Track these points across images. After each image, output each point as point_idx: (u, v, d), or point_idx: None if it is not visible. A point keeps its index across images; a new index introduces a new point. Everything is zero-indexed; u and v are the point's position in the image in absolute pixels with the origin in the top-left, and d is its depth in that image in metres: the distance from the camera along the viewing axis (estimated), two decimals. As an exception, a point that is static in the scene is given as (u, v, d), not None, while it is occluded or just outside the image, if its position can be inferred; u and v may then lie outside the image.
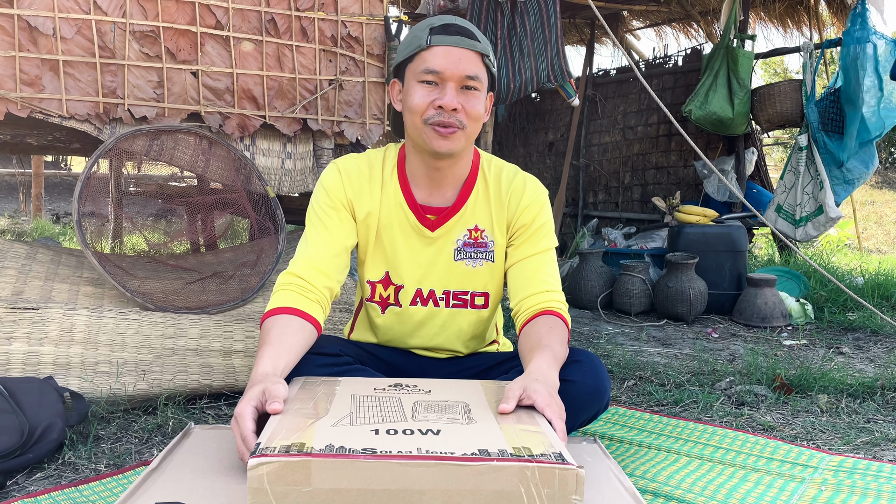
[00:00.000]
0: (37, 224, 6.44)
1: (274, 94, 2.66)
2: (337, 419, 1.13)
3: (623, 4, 5.11)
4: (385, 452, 0.98)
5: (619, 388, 2.42)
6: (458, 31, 1.45)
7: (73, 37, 2.34)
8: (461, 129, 1.46)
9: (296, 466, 0.95)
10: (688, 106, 4.45)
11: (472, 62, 1.45)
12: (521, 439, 1.07)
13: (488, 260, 1.61)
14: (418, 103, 1.45)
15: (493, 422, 1.15)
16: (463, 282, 1.61)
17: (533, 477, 0.97)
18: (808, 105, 4.20)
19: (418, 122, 1.46)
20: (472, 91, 1.46)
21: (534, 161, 6.44)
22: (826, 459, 1.75)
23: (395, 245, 1.59)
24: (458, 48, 1.44)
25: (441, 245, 1.59)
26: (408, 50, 1.48)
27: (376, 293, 1.63)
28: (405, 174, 1.59)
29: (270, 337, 1.37)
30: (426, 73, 1.44)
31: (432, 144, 1.47)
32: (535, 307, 1.51)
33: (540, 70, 3.38)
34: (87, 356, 2.00)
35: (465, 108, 1.45)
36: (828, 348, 3.09)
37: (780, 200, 4.37)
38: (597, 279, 3.98)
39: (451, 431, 1.09)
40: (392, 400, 1.26)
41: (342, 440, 1.02)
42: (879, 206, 9.61)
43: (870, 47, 3.89)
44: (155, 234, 2.95)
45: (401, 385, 1.37)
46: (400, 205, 1.58)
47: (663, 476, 1.66)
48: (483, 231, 1.60)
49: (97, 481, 1.55)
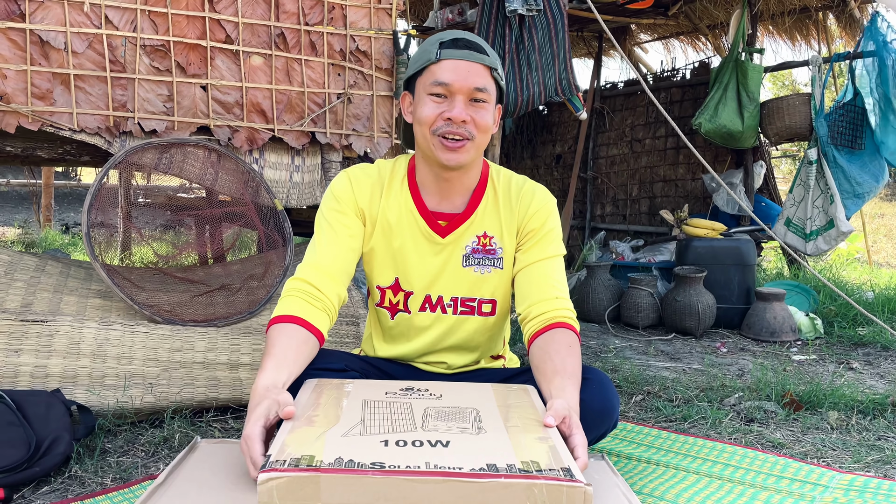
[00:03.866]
0: (46, 234, 6.48)
1: (283, 108, 2.67)
2: (347, 428, 1.13)
3: (631, 18, 5.12)
4: (394, 467, 0.97)
5: (627, 404, 2.40)
6: (466, 45, 1.48)
7: (85, 51, 2.36)
8: (470, 140, 1.48)
9: (305, 481, 0.95)
10: (697, 119, 4.45)
11: (480, 75, 1.47)
12: (530, 451, 1.06)
13: (496, 267, 1.61)
14: (428, 115, 1.48)
15: (502, 431, 1.15)
16: (471, 289, 1.62)
17: (541, 494, 0.97)
18: (818, 119, 4.19)
19: (428, 134, 1.49)
20: (481, 103, 1.48)
21: (541, 173, 6.44)
22: (836, 478, 1.73)
23: (405, 251, 1.60)
24: (466, 61, 1.47)
25: (451, 251, 1.60)
26: (418, 63, 1.51)
27: (385, 298, 1.64)
28: (416, 183, 1.61)
29: (275, 349, 1.37)
30: (436, 85, 1.47)
31: (441, 157, 1.49)
32: (547, 316, 1.50)
33: (548, 83, 3.38)
34: (95, 369, 2.01)
35: (475, 120, 1.48)
36: (838, 364, 3.06)
37: (790, 214, 4.35)
38: (604, 292, 3.96)
39: (460, 442, 1.08)
40: (403, 406, 1.26)
41: (352, 453, 1.02)
42: (889, 219, 9.55)
43: (889, 60, 3.89)
44: (163, 245, 2.96)
45: (412, 389, 1.37)
46: (410, 211, 1.60)
47: (671, 494, 1.64)
48: (492, 238, 1.61)
49: (103, 495, 1.55)
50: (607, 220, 5.92)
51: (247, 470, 1.24)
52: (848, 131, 4.11)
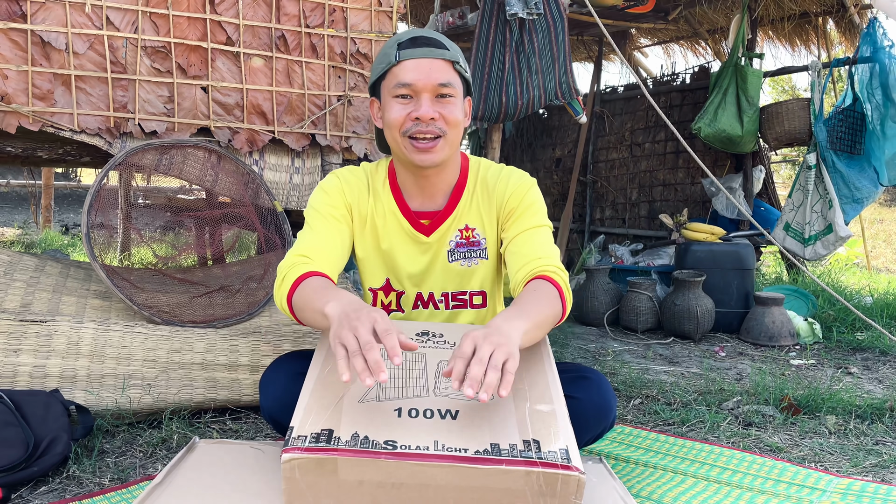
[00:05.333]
0: (46, 235, 6.48)
1: (283, 110, 2.68)
2: (364, 391, 1.20)
3: (631, 22, 5.13)
4: (405, 448, 1.06)
5: (626, 407, 2.40)
6: (425, 43, 1.48)
7: (86, 52, 2.36)
8: (442, 137, 1.49)
9: (324, 462, 1.04)
10: (697, 123, 4.46)
11: (442, 70, 1.47)
12: (532, 427, 1.13)
13: (482, 258, 1.62)
14: (396, 118, 1.48)
15: (509, 399, 1.20)
16: (460, 282, 1.63)
17: (538, 479, 1.05)
18: (817, 123, 4.19)
19: (398, 136, 1.49)
20: (448, 98, 1.48)
21: (541, 177, 6.45)
22: (834, 482, 1.73)
23: (393, 253, 1.62)
24: (427, 59, 1.47)
25: (436, 249, 1.62)
26: (379, 67, 1.52)
27: (378, 300, 1.65)
28: (397, 185, 1.62)
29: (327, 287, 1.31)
30: (399, 87, 1.47)
31: (413, 158, 1.50)
32: (527, 274, 1.45)
33: (548, 87, 3.39)
34: (94, 369, 2.01)
35: (443, 116, 1.48)
36: (836, 368, 3.06)
37: (789, 219, 4.35)
38: (603, 296, 3.97)
39: (467, 414, 1.16)
40: (417, 360, 1.32)
41: (367, 427, 1.10)
42: (888, 225, 9.55)
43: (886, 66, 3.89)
44: (163, 247, 2.96)
45: (427, 333, 1.43)
46: (394, 213, 1.61)
47: (669, 497, 1.64)
48: (474, 230, 1.62)
49: (101, 496, 1.55)
50: (607, 223, 5.92)
51: (245, 469, 1.25)
52: (847, 136, 4.11)
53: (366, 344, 1.07)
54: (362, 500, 1.06)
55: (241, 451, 1.48)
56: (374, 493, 1.06)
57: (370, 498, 1.06)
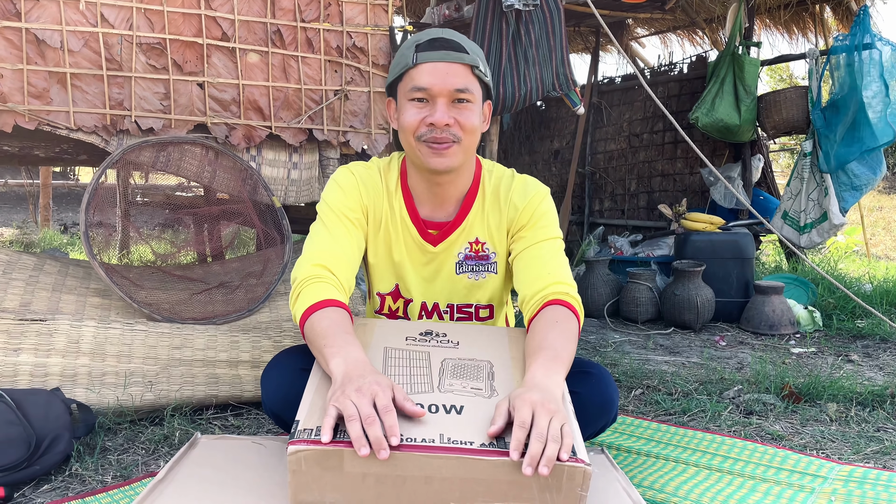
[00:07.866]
0: (45, 234, 6.47)
1: (280, 105, 2.67)
2: None
3: (628, 12, 5.11)
4: (411, 440, 1.06)
5: (627, 398, 2.41)
6: (444, 46, 1.44)
7: (81, 49, 2.36)
8: (457, 143, 1.45)
9: (330, 454, 1.05)
10: (694, 113, 4.45)
11: (460, 75, 1.43)
12: None
13: (491, 272, 1.60)
14: (410, 122, 1.44)
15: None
16: (466, 295, 1.61)
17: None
18: (815, 111, 4.18)
19: (412, 141, 1.46)
20: (465, 104, 1.44)
21: (539, 169, 6.44)
22: (836, 469, 1.73)
23: (403, 260, 1.60)
24: (444, 62, 1.42)
25: (443, 259, 1.59)
26: (396, 69, 1.48)
27: (385, 305, 1.64)
28: (408, 189, 1.59)
29: (337, 333, 1.28)
30: (415, 90, 1.43)
31: (427, 162, 1.46)
32: (540, 296, 1.43)
33: (545, 79, 3.38)
34: (94, 367, 2.01)
35: (459, 122, 1.44)
36: (837, 356, 3.07)
37: (787, 207, 4.35)
38: (603, 287, 3.97)
39: (472, 409, 1.16)
40: (421, 357, 1.33)
41: None
42: (888, 212, 9.55)
43: (875, 53, 3.88)
44: (162, 244, 2.96)
45: (431, 333, 1.44)
46: (403, 220, 1.58)
47: (671, 487, 1.65)
48: (484, 244, 1.59)
49: (104, 493, 1.55)
50: (606, 215, 5.92)
51: (247, 464, 1.25)
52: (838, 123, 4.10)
53: (367, 417, 1.05)
54: (368, 493, 1.06)
55: (243, 447, 1.49)
56: (379, 486, 1.06)
57: (375, 490, 1.06)
